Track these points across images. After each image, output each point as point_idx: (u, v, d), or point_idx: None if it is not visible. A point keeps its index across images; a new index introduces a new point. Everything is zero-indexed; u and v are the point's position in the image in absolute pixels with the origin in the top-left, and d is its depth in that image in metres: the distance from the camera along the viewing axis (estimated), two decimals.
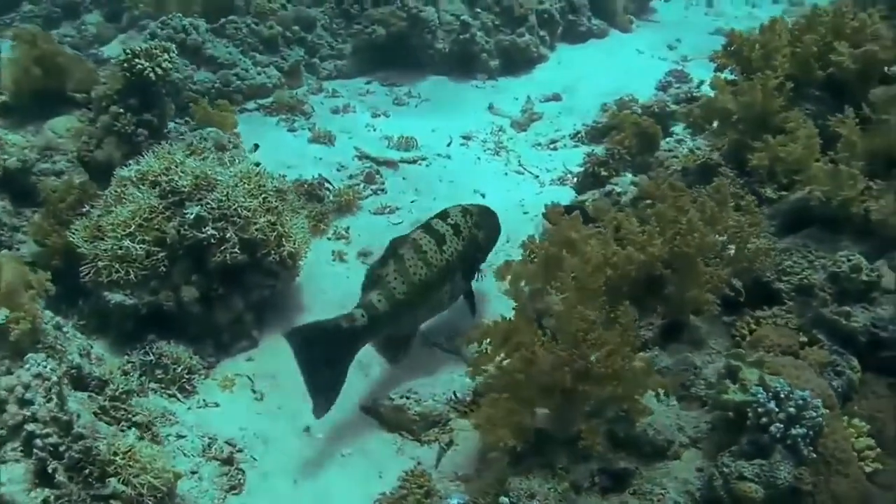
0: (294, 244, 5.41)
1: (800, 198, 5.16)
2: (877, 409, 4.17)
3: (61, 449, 3.87)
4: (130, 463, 3.98)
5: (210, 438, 4.81)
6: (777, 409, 3.58)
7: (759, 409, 3.61)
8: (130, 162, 5.56)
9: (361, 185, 6.90)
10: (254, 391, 5.23)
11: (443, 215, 5.41)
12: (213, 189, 5.25)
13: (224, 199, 5.20)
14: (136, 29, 8.64)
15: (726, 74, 6.06)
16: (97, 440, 4.02)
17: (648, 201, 5.20)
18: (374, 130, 7.87)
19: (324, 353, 4.69)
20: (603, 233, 4.62)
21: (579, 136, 8.00)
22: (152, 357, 5.12)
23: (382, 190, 6.92)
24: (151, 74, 6.01)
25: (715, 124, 6.06)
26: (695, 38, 10.33)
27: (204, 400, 5.11)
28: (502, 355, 3.90)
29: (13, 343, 4.11)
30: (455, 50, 9.03)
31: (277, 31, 8.55)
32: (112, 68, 6.39)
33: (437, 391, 5.15)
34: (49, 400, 3.98)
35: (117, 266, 5.12)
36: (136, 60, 5.99)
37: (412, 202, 6.88)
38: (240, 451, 4.79)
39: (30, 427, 3.84)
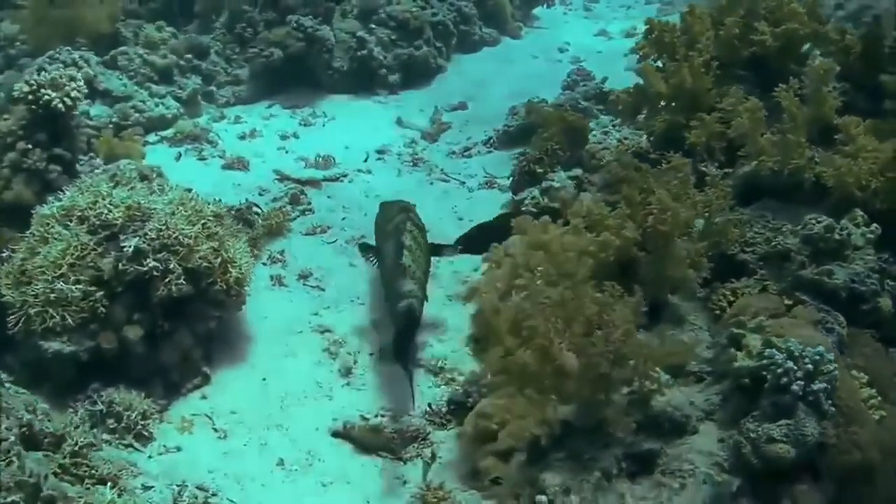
0: (240, 270, 5.10)
1: (749, 171, 5.22)
2: (867, 360, 4.21)
3: None
4: None
5: (179, 486, 4.44)
6: (795, 368, 3.56)
7: (778, 371, 3.58)
8: (51, 199, 5.14)
9: (289, 207, 6.61)
10: (215, 430, 4.87)
11: (401, 207, 5.56)
12: (148, 219, 4.89)
13: (163, 227, 4.85)
14: (14, 69, 8.07)
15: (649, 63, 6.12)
16: (73, 501, 3.65)
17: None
18: (287, 153, 7.60)
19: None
20: (575, 225, 4.51)
21: (492, 141, 7.94)
22: (101, 406, 4.70)
23: (310, 210, 6.65)
24: (60, 105, 5.59)
25: (644, 111, 6.13)
26: (581, 39, 10.49)
27: (164, 445, 4.72)
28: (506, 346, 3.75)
29: None
30: (354, 67, 8.84)
31: (172, 60, 8.16)
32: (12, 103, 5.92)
33: (411, 404, 4.95)
34: (9, 463, 3.58)
35: (51, 311, 4.70)
36: (43, 91, 5.56)
37: (343, 219, 6.66)
38: (214, 495, 4.43)
39: None
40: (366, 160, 7.46)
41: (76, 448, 4.06)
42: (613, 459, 3.66)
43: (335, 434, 4.87)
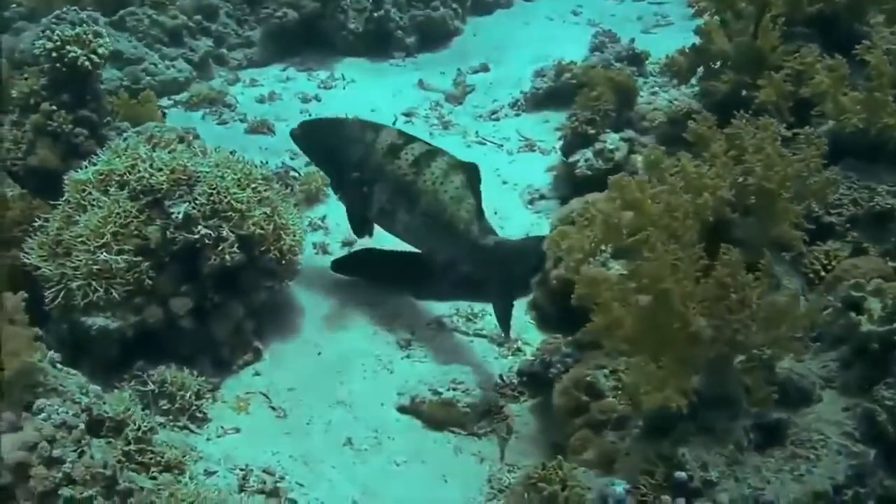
0: (294, 237, 4.75)
1: (829, 130, 4.95)
2: None
3: None
4: None
5: (243, 470, 4.11)
6: None
7: None
8: (85, 163, 4.74)
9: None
10: (273, 408, 4.55)
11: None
12: (195, 183, 4.52)
13: (213, 192, 4.48)
14: (9, 32, 7.58)
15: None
16: (153, 494, 3.31)
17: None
18: (311, 116, 7.21)
19: None
20: (672, 184, 4.20)
21: (519, 104, 7.62)
22: (153, 386, 4.35)
23: None
24: (87, 63, 5.16)
25: (700, 71, 5.84)
26: (591, 4, 10.14)
27: (221, 427, 4.39)
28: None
29: (8, 386, 3.27)
30: (370, 29, 8.44)
31: (182, 21, 7.72)
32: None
33: (481, 378, 4.67)
34: (81, 454, 3.24)
35: (95, 284, 4.32)
36: (68, 48, 5.13)
37: None
38: (281, 479, 4.11)
39: (66, 492, 3.09)
40: (394, 123, 7.11)
41: (139, 433, 3.71)
42: (742, 431, 3.38)
43: (402, 409, 4.58)
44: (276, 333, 4.93)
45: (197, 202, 4.43)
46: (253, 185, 4.65)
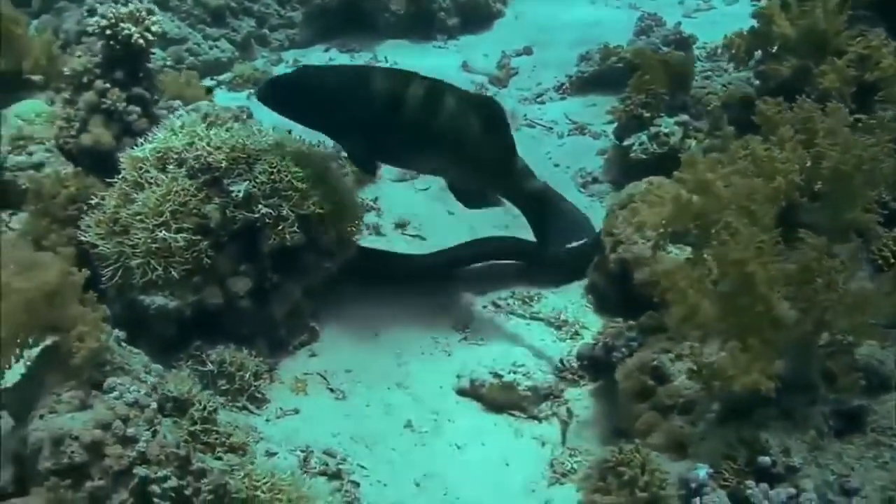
0: (352, 217, 4.70)
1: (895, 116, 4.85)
2: None
3: (186, 493, 3.10)
4: (277, 498, 3.25)
5: (304, 452, 4.06)
6: None
7: None
8: (141, 141, 4.70)
9: None
10: (331, 390, 4.49)
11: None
12: (255, 161, 4.47)
13: (273, 170, 4.43)
14: (51, 13, 7.55)
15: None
16: (226, 474, 3.26)
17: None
18: None
19: None
20: (744, 167, 4.13)
21: (564, 87, 7.56)
22: (212, 366, 4.31)
23: None
24: (140, 40, 5.11)
25: (758, 54, 5.74)
26: None
27: (280, 408, 4.34)
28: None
29: (78, 367, 3.23)
30: (412, 10, 8.39)
31: (224, 1, 7.67)
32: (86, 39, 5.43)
33: (541, 361, 4.61)
34: (154, 433, 3.19)
35: (153, 263, 4.28)
36: (122, 25, 5.08)
37: None
38: (343, 461, 4.06)
39: (140, 471, 3.04)
40: None
41: (205, 413, 3.65)
42: (822, 417, 3.32)
43: (461, 392, 4.52)
44: (332, 314, 4.87)
45: (257, 181, 4.38)
46: (312, 165, 4.59)
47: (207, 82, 7.10)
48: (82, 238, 4.40)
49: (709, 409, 3.64)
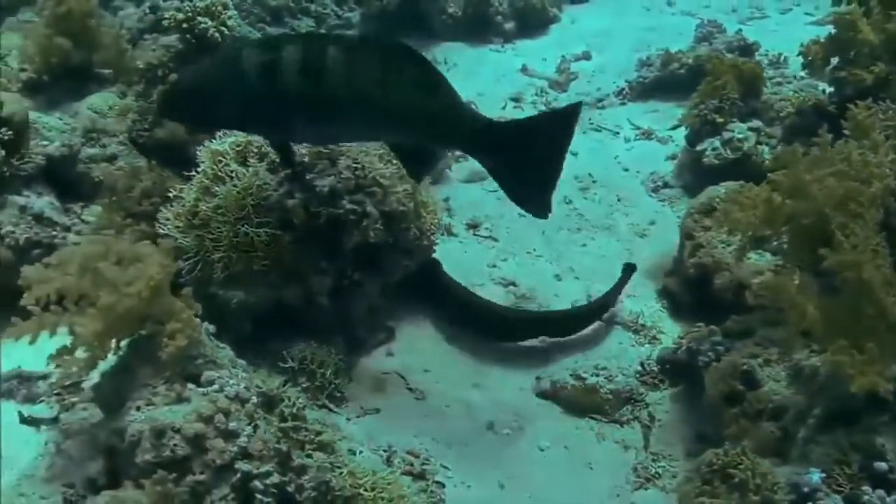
0: (433, 216, 4.64)
1: None
2: None
3: (289, 489, 3.05)
4: (381, 496, 3.20)
5: (387, 451, 4.01)
6: None
7: None
8: (219, 134, 4.66)
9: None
10: (410, 389, 4.44)
11: None
12: (338, 157, 4.41)
13: (357, 166, 4.38)
14: (108, 11, 7.54)
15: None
16: (326, 471, 3.21)
17: None
18: None
19: None
20: (841, 169, 4.06)
21: (624, 92, 7.50)
22: (293, 363, 4.26)
23: (464, 157, 6.17)
24: (216, 35, 5.09)
25: (834, 61, 5.66)
26: None
27: (361, 406, 4.29)
28: None
29: (172, 360, 3.18)
30: (469, 13, 8.34)
31: (283, 1, 7.66)
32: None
33: (623, 364, 4.58)
34: (255, 427, 3.14)
35: (235, 257, 4.23)
36: (199, 19, 5.06)
37: None
38: (427, 461, 4.01)
39: (243, 466, 2.98)
40: (504, 108, 7.00)
41: (294, 410, 3.59)
42: None
43: (541, 394, 4.47)
44: (407, 313, 4.82)
45: (342, 176, 4.33)
46: (394, 161, 4.53)
47: None
48: (160, 231, 4.36)
49: (810, 413, 3.56)
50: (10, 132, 4.71)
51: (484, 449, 4.15)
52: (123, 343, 3.21)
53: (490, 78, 7.67)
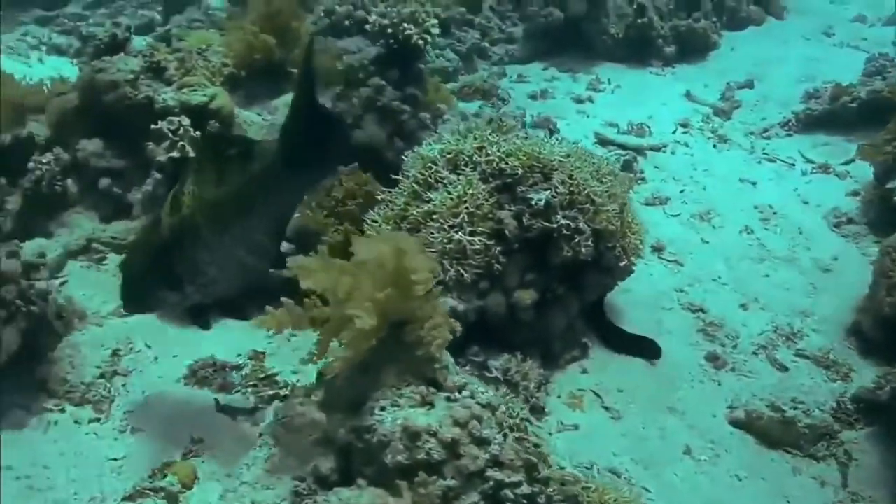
0: (637, 236, 4.65)
1: None
2: None
3: (539, 501, 3.04)
4: None
5: (588, 468, 4.01)
6: None
7: None
8: (428, 141, 4.75)
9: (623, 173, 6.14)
10: (606, 408, 4.44)
11: None
12: (551, 171, 4.45)
13: (571, 181, 4.41)
14: None
15: None
16: (573, 484, 3.21)
17: None
18: (588, 117, 7.14)
19: None
20: None
21: (790, 123, 7.39)
22: (496, 373, 4.29)
23: (642, 179, 6.18)
24: (420, 42, 5.19)
25: None
26: (841, 25, 9.81)
27: (561, 422, 4.31)
28: None
29: (429, 359, 3.22)
30: (630, 35, 8.36)
31: (453, 12, 7.77)
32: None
33: (819, 399, 4.52)
34: (505, 436, 3.16)
35: (447, 264, 4.29)
36: (404, 25, 5.16)
37: (681, 192, 6.20)
38: (627, 481, 4.01)
39: (496, 475, 3.00)
40: (674, 132, 6.99)
41: (517, 421, 3.61)
42: None
43: (735, 422, 4.42)
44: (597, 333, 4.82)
45: (557, 190, 4.36)
46: (605, 179, 4.56)
47: None
48: (368, 232, 4.45)
49: None
50: (217, 124, 4.89)
51: (683, 473, 4.13)
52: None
53: (655, 101, 7.65)
